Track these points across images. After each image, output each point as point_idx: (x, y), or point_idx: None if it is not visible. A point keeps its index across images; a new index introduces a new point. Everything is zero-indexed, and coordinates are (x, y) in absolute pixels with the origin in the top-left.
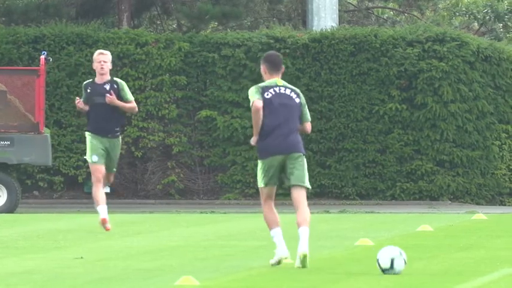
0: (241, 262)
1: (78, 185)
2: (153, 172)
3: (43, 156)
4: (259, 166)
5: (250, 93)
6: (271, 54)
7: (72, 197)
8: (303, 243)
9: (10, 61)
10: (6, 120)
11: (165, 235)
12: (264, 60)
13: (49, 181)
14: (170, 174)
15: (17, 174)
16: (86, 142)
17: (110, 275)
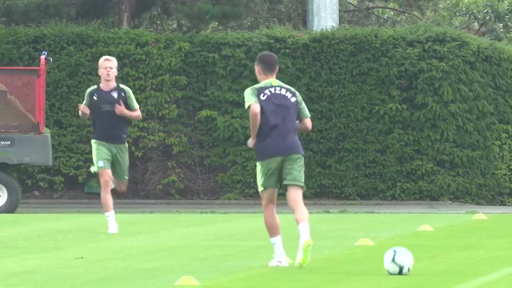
0: (242, 262)
1: (79, 185)
2: (153, 172)
3: (43, 156)
4: (258, 169)
5: (246, 96)
6: (266, 54)
7: (73, 197)
8: (305, 234)
9: (10, 61)
10: (6, 120)
11: (165, 235)
12: (258, 61)
13: (49, 181)
14: (170, 174)
15: (17, 174)
16: (92, 150)
17: (110, 275)
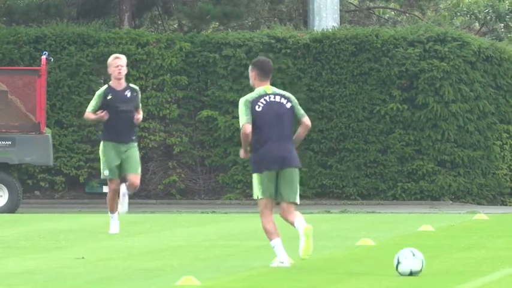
0: (243, 262)
1: (80, 185)
2: (154, 172)
3: (44, 156)
4: (256, 179)
5: (240, 112)
6: (263, 60)
7: (74, 197)
8: (303, 222)
9: (11, 61)
10: (7, 120)
11: (166, 235)
12: (255, 66)
13: (50, 181)
14: (171, 174)
15: (18, 174)
16: (100, 153)
17: (111, 275)
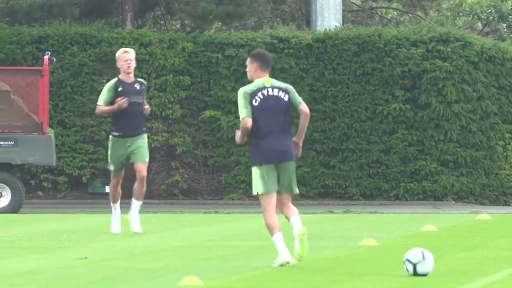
0: (245, 262)
1: (82, 185)
2: (157, 172)
3: (47, 157)
4: (256, 173)
5: (239, 105)
6: (263, 52)
7: (76, 197)
8: (298, 224)
9: (14, 61)
10: (10, 120)
11: (169, 235)
12: (255, 58)
13: (53, 181)
14: (174, 175)
15: (20, 175)
16: (109, 146)
17: (114, 275)
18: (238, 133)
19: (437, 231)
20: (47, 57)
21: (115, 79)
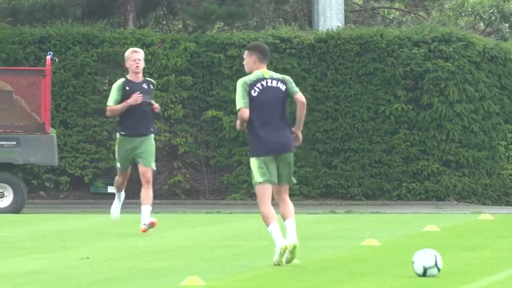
0: (247, 262)
1: (84, 185)
2: (159, 172)
3: (49, 157)
4: (254, 163)
5: (237, 95)
6: (261, 44)
7: (78, 197)
8: (292, 234)
9: (16, 61)
10: (12, 120)
11: (171, 235)
12: (253, 50)
13: (55, 181)
14: (176, 175)
15: (23, 175)
16: (116, 145)
17: (116, 275)
18: (238, 122)
19: (440, 231)
20: (49, 57)
21: (123, 79)
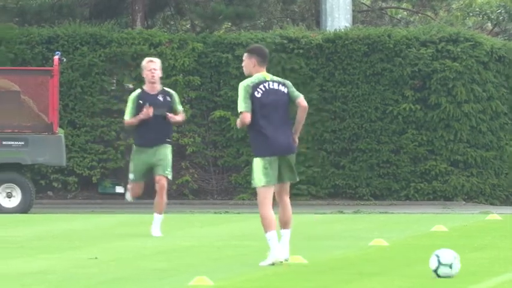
0: (255, 262)
1: (92, 186)
2: None
3: (57, 157)
4: (259, 164)
5: (240, 97)
6: (261, 47)
7: (86, 197)
8: (286, 247)
9: (24, 61)
10: (20, 120)
11: (179, 235)
12: (253, 53)
13: (63, 181)
14: (184, 175)
15: (31, 175)
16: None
17: (124, 275)
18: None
19: (448, 231)
20: (57, 58)
21: (139, 90)
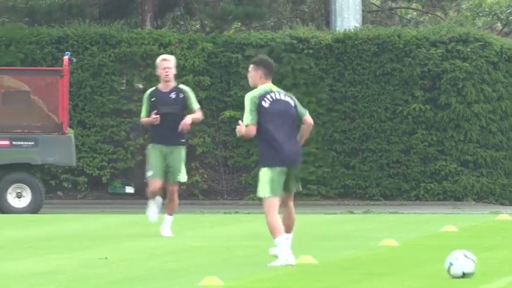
0: (265, 262)
1: (102, 186)
2: None
3: (67, 157)
4: (266, 174)
5: (246, 108)
6: (267, 59)
7: (96, 197)
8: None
9: (33, 61)
10: (30, 120)
11: (189, 235)
12: (259, 65)
13: (73, 181)
14: (194, 175)
15: (41, 175)
16: (147, 154)
17: (134, 275)
18: (241, 129)
19: (458, 231)
20: (66, 58)
21: (153, 88)
